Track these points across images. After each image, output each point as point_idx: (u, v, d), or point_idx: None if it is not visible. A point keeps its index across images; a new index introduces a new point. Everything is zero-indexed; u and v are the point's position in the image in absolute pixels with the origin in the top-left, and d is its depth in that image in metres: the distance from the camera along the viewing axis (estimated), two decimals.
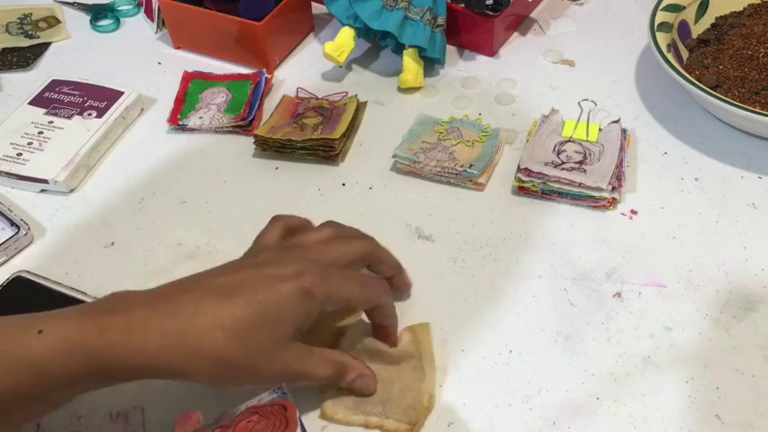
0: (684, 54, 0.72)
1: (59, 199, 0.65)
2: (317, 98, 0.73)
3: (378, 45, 0.78)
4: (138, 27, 0.85)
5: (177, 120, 0.71)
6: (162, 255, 0.60)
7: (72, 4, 0.89)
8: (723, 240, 0.58)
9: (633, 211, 0.61)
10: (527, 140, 0.66)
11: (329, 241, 0.49)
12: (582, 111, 0.70)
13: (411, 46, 0.72)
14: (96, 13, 0.86)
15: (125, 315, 0.40)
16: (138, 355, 0.40)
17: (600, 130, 0.66)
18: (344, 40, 0.72)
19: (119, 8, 0.88)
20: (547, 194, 0.62)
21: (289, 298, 0.42)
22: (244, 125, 0.70)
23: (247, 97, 0.73)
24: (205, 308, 0.41)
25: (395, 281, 0.53)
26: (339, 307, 0.46)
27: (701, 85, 0.63)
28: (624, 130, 0.66)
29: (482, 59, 0.77)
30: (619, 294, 0.55)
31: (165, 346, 0.40)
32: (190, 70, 0.77)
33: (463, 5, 0.74)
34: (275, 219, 0.51)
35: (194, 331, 0.40)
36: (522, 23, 0.81)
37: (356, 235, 0.51)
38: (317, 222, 0.61)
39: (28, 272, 0.57)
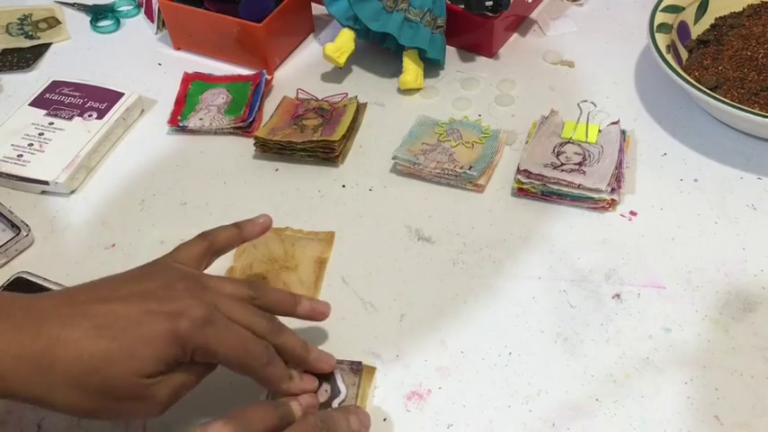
0: (684, 55, 0.72)
1: (60, 200, 0.66)
2: (316, 99, 0.73)
3: (378, 46, 0.78)
4: (139, 28, 0.86)
5: (177, 121, 0.71)
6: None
7: (72, 5, 0.89)
8: (722, 241, 0.58)
9: (632, 213, 0.61)
10: (526, 142, 0.66)
11: (238, 299, 0.45)
12: (581, 112, 0.70)
13: (411, 47, 0.72)
14: (96, 14, 0.87)
15: None
16: None
17: (599, 131, 0.66)
18: (344, 41, 0.72)
19: (119, 9, 0.88)
20: (546, 196, 0.62)
21: (157, 339, 0.40)
22: (244, 126, 0.70)
23: (247, 98, 0.73)
24: (68, 335, 0.39)
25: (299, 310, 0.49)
26: (211, 361, 0.43)
27: (700, 87, 0.63)
28: (623, 132, 0.66)
29: (482, 60, 0.77)
30: (618, 296, 0.55)
31: (20, 372, 0.38)
32: (190, 71, 0.77)
33: (463, 6, 0.74)
34: (201, 235, 0.48)
35: (50, 358, 0.38)
36: (521, 24, 0.81)
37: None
38: (316, 222, 0.61)
39: (29, 273, 0.57)
